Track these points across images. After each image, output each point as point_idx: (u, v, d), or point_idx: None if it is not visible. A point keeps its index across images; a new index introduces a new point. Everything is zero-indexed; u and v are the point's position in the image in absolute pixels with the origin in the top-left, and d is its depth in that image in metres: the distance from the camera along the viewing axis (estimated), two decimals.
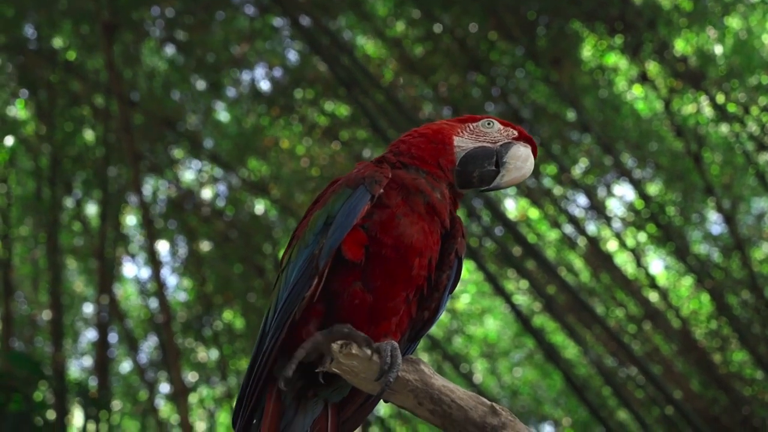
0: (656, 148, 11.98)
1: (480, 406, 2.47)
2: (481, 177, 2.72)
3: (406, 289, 2.62)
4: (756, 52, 11.23)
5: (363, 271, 2.58)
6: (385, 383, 2.43)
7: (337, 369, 2.46)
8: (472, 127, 2.80)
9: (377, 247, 2.58)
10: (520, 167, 2.73)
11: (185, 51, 12.59)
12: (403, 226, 2.59)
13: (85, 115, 13.21)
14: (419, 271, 2.63)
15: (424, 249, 2.62)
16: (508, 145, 2.75)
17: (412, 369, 2.48)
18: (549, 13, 11.14)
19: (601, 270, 12.78)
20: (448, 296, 2.82)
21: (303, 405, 2.71)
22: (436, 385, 2.47)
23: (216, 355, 13.72)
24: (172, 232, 13.80)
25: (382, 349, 2.46)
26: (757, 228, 13.07)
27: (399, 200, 2.62)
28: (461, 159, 2.73)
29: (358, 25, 12.35)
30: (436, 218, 2.65)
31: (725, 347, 12.71)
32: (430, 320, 2.82)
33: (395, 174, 2.67)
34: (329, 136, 12.59)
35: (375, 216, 2.60)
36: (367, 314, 2.57)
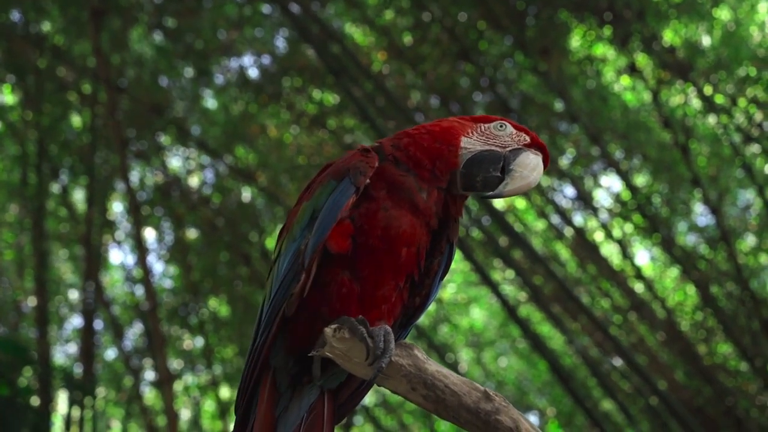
0: (643, 139, 11.91)
1: (474, 391, 2.45)
2: (485, 182, 2.61)
3: (395, 277, 2.61)
4: (744, 43, 11.19)
5: (350, 261, 2.57)
6: (378, 368, 2.42)
7: (330, 353, 2.46)
8: (484, 128, 2.68)
9: (364, 237, 2.57)
10: (525, 176, 2.60)
11: (173, 37, 12.47)
12: (390, 218, 2.57)
13: (72, 101, 13.07)
14: (407, 260, 2.61)
15: (412, 240, 2.60)
16: (518, 152, 2.63)
17: (405, 354, 2.47)
18: (538, 3, 11.08)
19: (588, 261, 12.76)
20: (439, 282, 2.80)
21: (298, 391, 2.70)
22: (429, 370, 2.46)
23: (201, 343, 13.64)
24: (158, 219, 13.71)
25: (375, 334, 2.44)
26: (743, 219, 13.04)
27: (385, 193, 2.59)
28: (466, 161, 2.62)
29: (347, 14, 12.25)
30: (421, 215, 2.60)
31: (710, 339, 12.71)
32: (422, 306, 2.81)
33: (385, 168, 2.62)
34: (317, 124, 12.51)
35: (362, 207, 2.58)
36: (357, 303, 2.57)
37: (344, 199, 2.55)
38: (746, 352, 11.46)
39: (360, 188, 2.55)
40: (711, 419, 12.01)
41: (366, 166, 2.59)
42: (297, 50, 12.25)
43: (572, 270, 13.19)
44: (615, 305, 12.85)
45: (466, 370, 15.37)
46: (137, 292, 13.62)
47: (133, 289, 13.76)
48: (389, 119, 10.72)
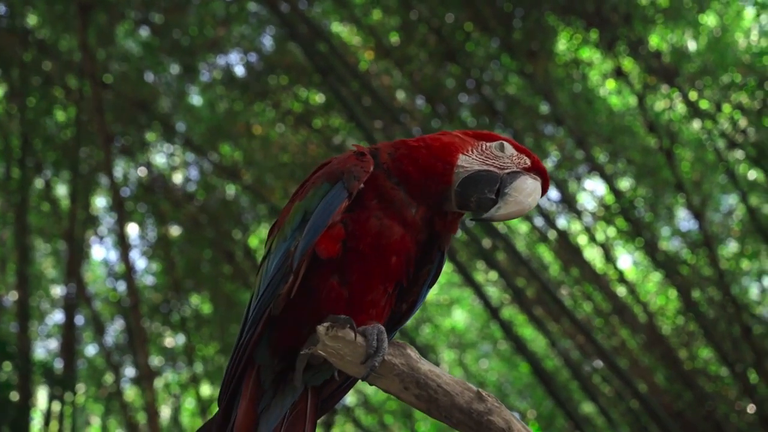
0: (628, 143, 11.89)
1: (466, 391, 2.44)
2: (479, 203, 2.52)
3: (383, 283, 2.58)
4: (730, 49, 11.18)
5: (340, 265, 2.53)
6: (370, 367, 2.39)
7: (323, 351, 2.42)
8: (485, 147, 2.59)
9: (355, 242, 2.53)
10: (520, 201, 2.52)
11: (160, 34, 12.38)
12: (382, 226, 2.53)
13: (57, 95, 12.96)
14: (396, 268, 2.58)
15: (401, 249, 2.56)
16: (515, 175, 2.55)
17: (398, 353, 2.44)
18: (525, 6, 11.03)
19: (571, 264, 12.73)
20: (427, 290, 2.76)
21: (282, 389, 2.66)
22: (422, 369, 2.44)
23: (183, 340, 13.54)
24: (142, 215, 13.59)
25: (368, 333, 2.42)
26: (725, 225, 13.04)
27: (376, 202, 2.54)
28: (462, 180, 2.53)
29: (334, 12, 12.19)
30: (409, 229, 2.56)
31: (691, 343, 12.71)
32: (408, 313, 2.78)
33: (378, 177, 2.56)
34: (303, 122, 12.44)
35: (355, 212, 2.53)
36: (345, 307, 2.52)
37: (336, 204, 2.50)
38: (726, 357, 11.45)
39: (353, 194, 2.50)
40: (691, 423, 11.99)
41: (361, 170, 2.53)
42: (284, 49, 12.19)
43: (555, 273, 13.14)
44: (597, 308, 12.83)
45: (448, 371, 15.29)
46: (119, 288, 13.50)
47: (115, 285, 13.65)
48: (375, 118, 10.66)
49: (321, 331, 2.40)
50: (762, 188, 11.63)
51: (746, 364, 11.67)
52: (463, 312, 16.20)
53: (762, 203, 12.01)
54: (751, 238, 12.23)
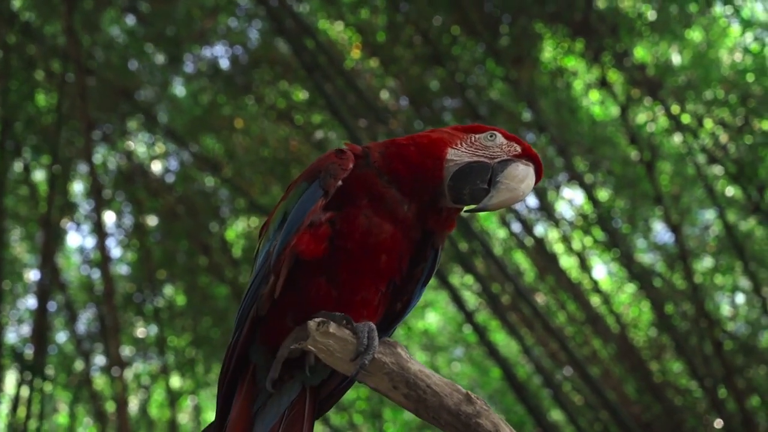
0: (609, 154, 11.84)
1: (455, 393, 2.41)
2: (472, 195, 2.48)
3: (374, 282, 2.56)
4: (714, 65, 11.16)
5: (328, 265, 2.51)
6: (360, 364, 2.38)
7: (313, 347, 2.41)
8: (474, 138, 2.56)
9: (343, 241, 2.51)
10: (512, 188, 2.48)
11: (146, 22, 12.23)
12: (371, 225, 2.50)
13: (39, 79, 12.77)
14: (387, 266, 2.56)
15: (391, 247, 2.54)
16: (506, 163, 2.51)
17: (389, 352, 2.42)
18: (513, 12, 10.96)
19: (546, 271, 12.67)
20: (422, 288, 2.73)
21: (278, 388, 2.64)
22: (412, 369, 2.42)
23: (155, 331, 13.39)
24: (119, 204, 13.43)
25: (359, 330, 2.40)
26: (702, 240, 13.02)
27: (367, 201, 2.51)
28: (453, 174, 2.49)
29: (322, 9, 12.08)
30: (401, 226, 2.53)
31: (662, 356, 12.68)
32: (403, 311, 2.75)
33: (368, 176, 2.53)
34: (285, 118, 12.33)
35: (344, 211, 2.52)
36: (335, 306, 2.51)
37: (311, 203, 2.49)
38: (697, 371, 11.42)
39: (329, 191, 2.48)
40: None
41: (338, 168, 2.51)
42: (269, 43, 12.08)
43: (530, 279, 13.08)
44: (570, 317, 12.78)
45: None
46: (93, 276, 13.33)
47: (90, 273, 13.48)
48: (359, 117, 10.57)
49: (312, 327, 2.40)
50: (739, 205, 11.60)
51: (716, 379, 11.63)
52: (437, 315, 16.11)
53: (739, 220, 11.98)
54: (726, 254, 12.22)
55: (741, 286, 12.86)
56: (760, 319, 12.36)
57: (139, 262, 13.23)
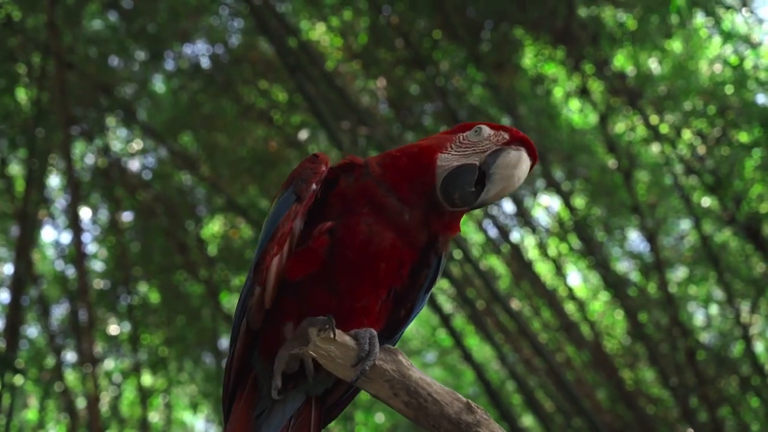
0: (586, 162, 11.75)
1: (456, 402, 2.39)
2: (462, 198, 2.42)
3: (374, 290, 2.52)
4: (693, 76, 11.10)
5: (327, 273, 2.49)
6: (360, 370, 2.34)
7: (314, 353, 2.38)
8: (462, 138, 2.49)
9: (342, 249, 2.47)
10: (507, 176, 2.40)
11: (128, 18, 12.02)
12: (371, 233, 2.46)
13: (20, 72, 12.51)
14: (387, 274, 2.52)
15: (392, 255, 2.49)
16: (497, 153, 2.43)
17: (390, 359, 2.40)
18: (495, 17, 10.84)
19: (522, 277, 12.57)
20: (425, 295, 2.68)
21: (282, 396, 2.59)
22: (413, 377, 2.39)
23: (128, 328, 13.16)
24: (95, 200, 13.19)
25: (360, 336, 2.38)
26: (677, 250, 12.96)
27: (368, 209, 2.48)
28: (443, 180, 2.44)
29: (304, 10, 11.93)
30: (403, 233, 2.48)
31: (635, 364, 12.60)
32: (406, 319, 2.70)
33: (368, 186, 2.50)
34: (264, 118, 12.15)
35: (345, 219, 2.48)
36: (335, 314, 2.43)
37: (284, 209, 2.48)
38: (668, 380, 11.34)
39: (302, 196, 2.48)
40: None
41: (310, 173, 2.51)
42: (251, 42, 11.92)
43: (505, 285, 12.96)
44: (545, 323, 12.68)
45: None
46: (67, 272, 13.09)
47: (64, 268, 13.23)
48: (341, 118, 10.41)
49: (312, 333, 2.36)
50: (715, 216, 11.54)
51: (688, 388, 11.56)
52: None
53: (714, 231, 11.91)
54: (701, 264, 12.17)
55: (714, 297, 12.79)
56: (732, 330, 12.30)
57: (114, 259, 12.99)
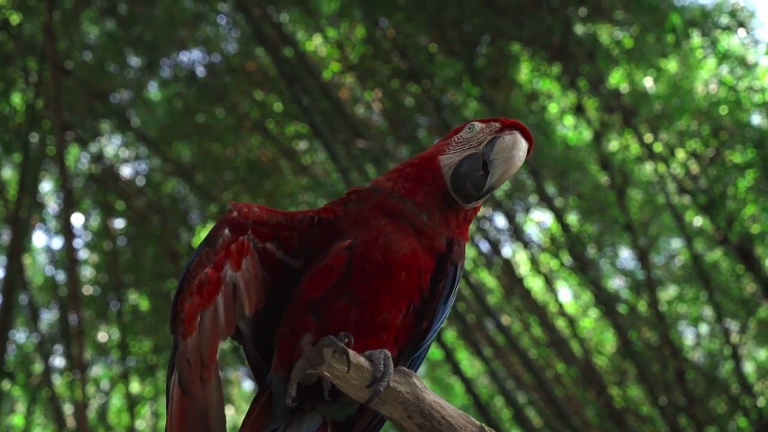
0: (580, 179, 11.65)
1: (469, 425, 2.39)
2: (475, 185, 2.50)
3: (395, 302, 2.52)
4: (688, 96, 11.00)
5: (347, 287, 2.49)
6: (374, 391, 2.33)
7: (329, 373, 2.34)
8: (457, 138, 2.60)
9: (361, 262, 2.48)
10: (507, 158, 2.49)
11: (125, 25, 11.88)
12: (390, 242, 2.49)
13: (15, 77, 12.35)
14: (407, 285, 2.52)
15: (412, 263, 2.51)
16: (493, 141, 2.53)
17: (404, 381, 2.38)
18: (491, 32, 10.74)
19: (513, 292, 12.44)
20: (444, 305, 2.65)
21: (297, 417, 2.57)
22: (427, 399, 2.38)
23: (116, 335, 12.98)
24: (88, 206, 13.02)
25: (375, 357, 2.36)
26: (668, 268, 12.85)
27: (386, 221, 2.51)
28: (451, 176, 2.53)
29: (301, 21, 11.80)
30: (424, 239, 2.52)
31: (624, 382, 12.47)
32: (428, 330, 2.66)
33: (381, 200, 2.55)
34: (259, 128, 12.01)
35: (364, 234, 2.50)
36: (355, 328, 2.46)
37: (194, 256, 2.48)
38: (657, 399, 11.22)
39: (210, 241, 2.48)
40: None
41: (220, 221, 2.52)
42: (247, 52, 11.79)
43: (496, 300, 12.82)
44: (534, 339, 12.55)
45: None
46: (57, 277, 12.90)
47: (54, 274, 13.04)
48: (336, 130, 10.28)
49: (327, 353, 2.33)
50: (707, 235, 11.44)
51: (676, 407, 11.42)
52: None
53: (706, 250, 11.81)
54: (691, 284, 12.07)
55: (704, 316, 12.68)
56: (722, 350, 12.18)
57: (104, 265, 12.81)
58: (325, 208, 2.63)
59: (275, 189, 12.12)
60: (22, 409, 13.65)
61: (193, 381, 2.38)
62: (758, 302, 11.50)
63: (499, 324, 10.36)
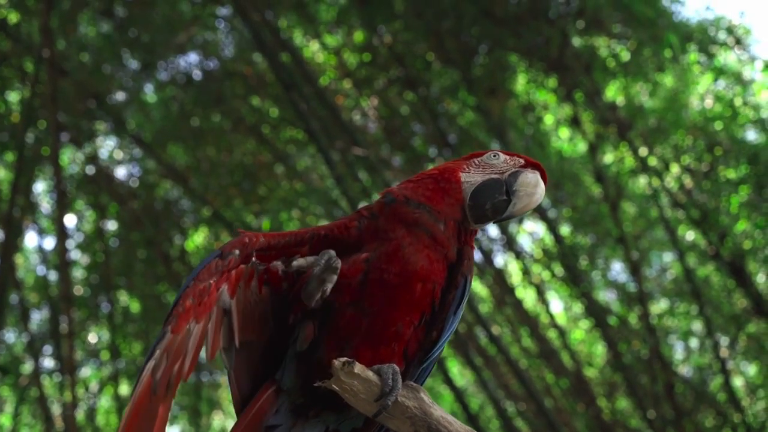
0: (574, 191, 11.58)
1: None
2: (494, 208, 2.57)
3: (408, 313, 2.51)
4: (684, 110, 10.96)
5: (361, 296, 2.48)
6: (382, 405, 2.34)
7: (337, 386, 2.36)
8: (478, 161, 2.66)
9: (378, 274, 2.48)
10: (531, 193, 2.59)
11: (122, 27, 11.74)
12: (407, 254, 2.49)
13: (11, 77, 12.20)
14: (422, 296, 2.52)
15: (428, 275, 2.51)
16: (516, 174, 2.61)
17: (412, 396, 2.39)
18: (489, 43, 10.67)
19: (504, 302, 12.35)
20: (454, 316, 2.66)
21: (302, 421, 2.56)
22: (435, 415, 2.38)
23: (106, 337, 12.82)
24: (81, 207, 12.87)
25: (384, 372, 2.37)
26: (659, 282, 12.79)
27: (404, 232, 2.51)
28: (471, 194, 2.58)
29: (299, 26, 11.69)
30: (440, 248, 2.53)
31: (613, 394, 12.38)
32: (438, 339, 2.66)
33: (398, 208, 2.56)
34: (254, 132, 11.88)
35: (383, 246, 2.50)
36: (365, 338, 2.48)
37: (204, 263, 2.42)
38: (646, 412, 11.13)
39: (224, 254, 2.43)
40: None
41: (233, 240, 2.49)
42: (244, 57, 11.68)
43: (487, 309, 12.71)
44: (525, 349, 12.46)
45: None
46: (49, 278, 12.73)
47: (46, 274, 12.87)
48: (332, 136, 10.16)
49: (337, 366, 2.35)
50: (699, 250, 11.38)
51: (665, 420, 11.33)
52: None
53: (697, 265, 11.73)
54: (682, 298, 11.99)
55: (695, 331, 12.61)
56: (711, 364, 12.10)
57: (96, 267, 12.65)
58: (338, 224, 2.61)
59: (269, 194, 12.00)
60: (9, 409, 13.46)
61: (162, 380, 2.25)
62: (748, 318, 11.43)
63: (490, 334, 10.24)
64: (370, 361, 2.42)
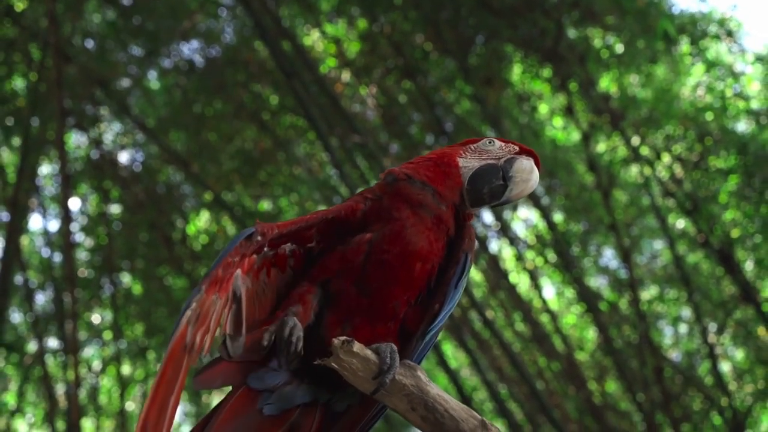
0: (567, 179, 11.61)
1: (471, 419, 2.40)
2: (491, 192, 2.61)
3: (406, 293, 2.55)
4: (675, 101, 10.98)
5: (362, 276, 2.51)
6: (380, 383, 2.34)
7: (336, 364, 2.36)
8: (474, 147, 2.70)
9: (380, 254, 2.51)
10: (526, 179, 2.63)
11: (127, 14, 11.74)
12: (410, 234, 2.52)
13: (18, 62, 12.19)
14: (420, 276, 2.55)
15: (427, 256, 2.55)
16: (512, 160, 2.65)
17: (409, 374, 2.40)
18: (486, 33, 10.67)
19: (498, 287, 12.39)
20: (455, 289, 2.66)
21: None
22: (431, 393, 2.39)
23: (109, 317, 12.85)
24: (85, 190, 12.88)
25: (381, 350, 2.37)
26: (649, 268, 12.83)
27: (408, 212, 2.54)
28: (469, 178, 2.62)
29: (300, 15, 11.69)
30: (442, 226, 2.58)
31: (604, 378, 12.44)
32: (440, 311, 2.65)
33: (402, 187, 2.59)
34: (256, 118, 11.89)
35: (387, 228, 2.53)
36: (364, 316, 2.51)
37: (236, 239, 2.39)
38: (635, 395, 11.19)
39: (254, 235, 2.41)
40: None
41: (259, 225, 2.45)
42: (246, 45, 11.67)
43: (481, 294, 12.74)
44: (518, 333, 12.50)
45: None
46: (53, 259, 12.76)
47: (51, 256, 12.90)
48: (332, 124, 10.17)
49: (336, 345, 2.34)
50: (689, 238, 11.42)
51: (654, 404, 11.40)
52: None
53: (687, 252, 11.78)
54: (672, 284, 12.05)
55: (684, 317, 12.67)
56: (699, 349, 12.17)
57: (99, 249, 12.68)
58: (345, 207, 2.60)
59: (269, 179, 12.03)
60: (14, 387, 13.49)
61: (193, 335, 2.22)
62: (736, 304, 11.48)
63: (484, 318, 10.27)
64: (368, 339, 2.43)
